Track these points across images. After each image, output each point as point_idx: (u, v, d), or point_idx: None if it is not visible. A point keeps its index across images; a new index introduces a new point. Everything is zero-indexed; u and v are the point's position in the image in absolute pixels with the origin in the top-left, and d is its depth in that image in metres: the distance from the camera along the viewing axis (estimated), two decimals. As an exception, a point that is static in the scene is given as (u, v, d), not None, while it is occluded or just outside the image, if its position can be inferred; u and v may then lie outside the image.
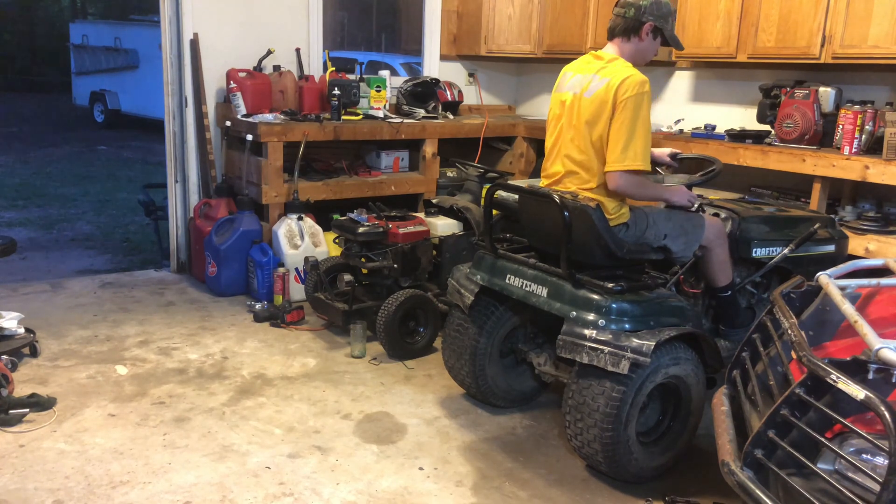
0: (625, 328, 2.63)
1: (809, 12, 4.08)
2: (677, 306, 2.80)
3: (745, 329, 3.19)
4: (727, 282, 3.12)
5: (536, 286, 2.90)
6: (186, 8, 4.86)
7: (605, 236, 2.75)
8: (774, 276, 3.49)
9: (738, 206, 3.41)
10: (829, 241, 3.45)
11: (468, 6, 5.95)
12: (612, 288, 2.67)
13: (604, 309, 2.65)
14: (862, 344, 1.73)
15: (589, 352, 2.61)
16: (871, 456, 1.61)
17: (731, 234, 3.17)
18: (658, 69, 5.43)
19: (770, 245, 3.28)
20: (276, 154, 4.66)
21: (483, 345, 3.21)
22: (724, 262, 3.07)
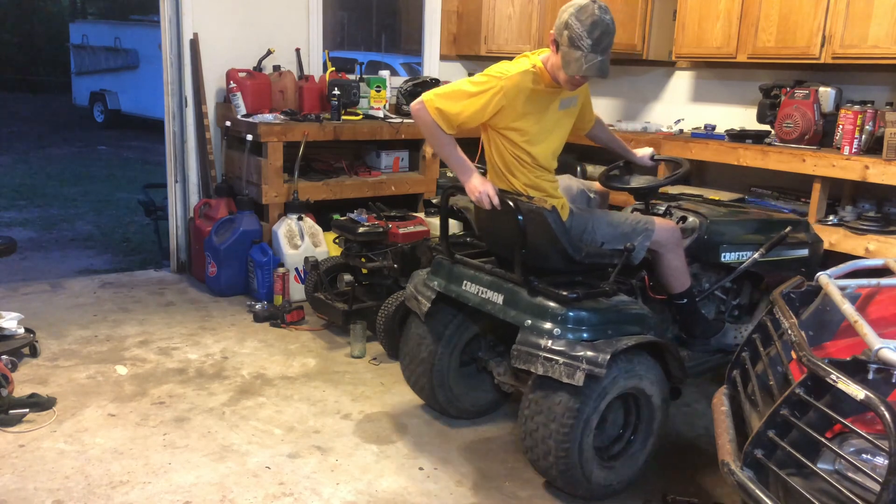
0: (581, 337, 2.50)
1: (809, 12, 4.08)
2: (638, 314, 2.67)
3: (711, 338, 3.13)
4: (683, 289, 2.98)
5: (492, 293, 2.78)
6: (186, 8, 4.86)
7: (562, 240, 2.64)
8: (746, 282, 3.39)
9: (707, 208, 3.29)
10: (803, 244, 3.36)
11: (468, 6, 5.95)
12: (568, 295, 2.55)
13: (559, 317, 2.54)
14: (862, 344, 1.73)
15: (544, 362, 2.48)
16: (871, 456, 1.61)
17: (698, 238, 3.07)
18: (658, 69, 5.43)
19: (739, 249, 3.16)
20: (276, 154, 4.66)
21: (441, 354, 3.08)
22: (678, 268, 2.93)
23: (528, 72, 2.68)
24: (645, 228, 2.84)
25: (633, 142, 4.99)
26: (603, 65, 2.60)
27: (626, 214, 2.92)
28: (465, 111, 2.65)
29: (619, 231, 2.85)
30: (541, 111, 2.74)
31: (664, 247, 2.87)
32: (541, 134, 2.75)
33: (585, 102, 3.05)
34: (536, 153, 2.76)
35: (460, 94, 2.67)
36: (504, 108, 2.67)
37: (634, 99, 5.69)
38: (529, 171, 2.78)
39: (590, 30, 2.56)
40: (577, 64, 2.57)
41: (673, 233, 2.90)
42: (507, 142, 2.75)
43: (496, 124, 2.73)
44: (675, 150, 4.73)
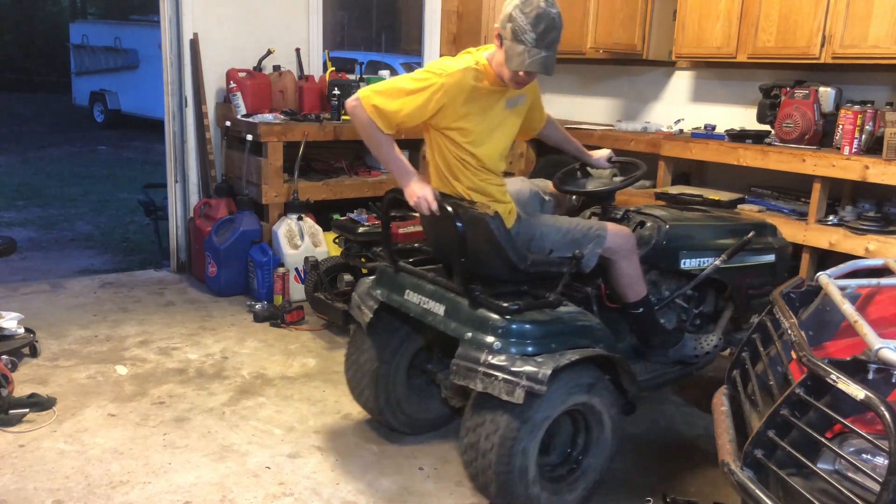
0: (524, 352, 2.35)
1: (809, 12, 4.08)
2: (585, 326, 2.53)
3: (669, 349, 3.01)
4: (638, 298, 2.83)
5: (434, 303, 2.63)
6: (186, 8, 4.86)
7: (505, 248, 2.48)
8: (710, 290, 3.27)
9: (667, 212, 3.16)
10: (769, 250, 3.25)
11: (468, 6, 5.95)
12: (508, 307, 2.40)
13: (500, 330, 2.38)
14: (862, 344, 1.73)
15: (483, 378, 2.33)
16: (871, 456, 1.61)
17: (656, 244, 2.93)
18: (658, 69, 5.43)
19: (700, 256, 3.03)
20: (276, 154, 4.66)
21: (385, 367, 2.93)
22: (632, 275, 2.79)
23: (469, 69, 2.53)
24: (597, 235, 2.70)
25: (633, 142, 5.00)
26: (547, 61, 2.44)
27: (578, 220, 2.79)
28: (404, 109, 2.49)
29: (568, 237, 2.71)
30: (484, 110, 2.59)
31: (617, 254, 2.74)
32: (485, 134, 2.61)
33: (535, 101, 2.91)
34: (481, 155, 2.61)
35: (399, 91, 2.50)
36: (445, 107, 2.51)
37: (634, 99, 5.69)
38: (474, 174, 2.63)
39: (534, 23, 2.40)
40: (519, 59, 2.43)
41: (627, 239, 2.76)
42: (450, 142, 2.60)
43: (437, 124, 2.59)
44: (676, 149, 4.73)
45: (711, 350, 3.04)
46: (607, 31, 5.22)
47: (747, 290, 3.21)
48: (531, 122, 2.95)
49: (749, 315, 3.28)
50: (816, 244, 4.03)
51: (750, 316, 3.27)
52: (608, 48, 5.23)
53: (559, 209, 3.17)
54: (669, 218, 3.02)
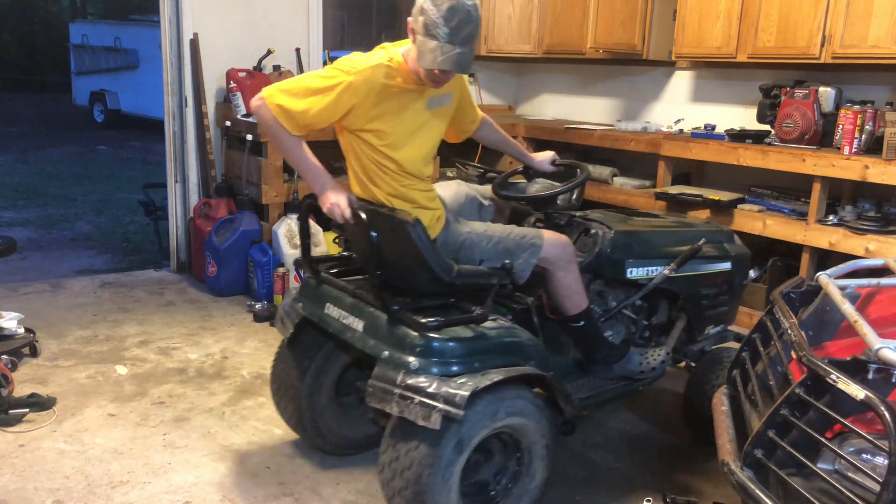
0: (444, 372, 2.17)
1: (809, 12, 4.08)
2: (514, 342, 2.34)
3: (613, 364, 2.84)
4: (578, 310, 2.66)
5: (353, 318, 2.44)
6: (186, 8, 4.86)
7: (427, 258, 2.27)
8: (662, 301, 3.11)
9: (616, 218, 3.00)
10: (724, 258, 3.10)
11: (468, 6, 5.94)
12: (427, 323, 2.21)
13: (417, 348, 2.20)
14: (862, 344, 1.73)
15: (399, 401, 2.15)
16: (871, 456, 1.61)
17: (601, 252, 2.77)
18: (658, 69, 5.43)
19: (648, 264, 2.87)
20: (276, 154, 4.65)
21: (309, 384, 2.75)
22: (571, 287, 2.62)
23: (380, 66, 2.35)
24: (531, 244, 2.53)
25: (633, 142, 5.00)
26: (462, 58, 2.25)
27: (512, 228, 2.60)
28: (312, 109, 2.31)
29: (500, 247, 2.52)
30: (400, 110, 2.40)
31: (554, 264, 2.57)
32: (404, 137, 2.42)
33: (464, 101, 2.72)
34: (400, 158, 2.43)
35: (306, 89, 2.32)
36: (355, 108, 2.33)
37: (634, 99, 5.69)
38: (393, 180, 2.45)
39: (447, 16, 2.21)
40: (431, 55, 2.24)
41: (564, 248, 2.59)
42: (366, 146, 2.42)
43: (350, 126, 2.41)
44: (676, 149, 4.73)
45: (658, 365, 2.86)
46: (607, 31, 5.22)
47: (701, 301, 3.06)
48: (461, 123, 2.80)
49: (704, 326, 3.13)
50: (816, 244, 4.04)
51: (705, 327, 3.14)
52: (608, 48, 5.23)
53: (500, 216, 2.99)
54: (615, 225, 2.86)
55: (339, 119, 2.38)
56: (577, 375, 2.84)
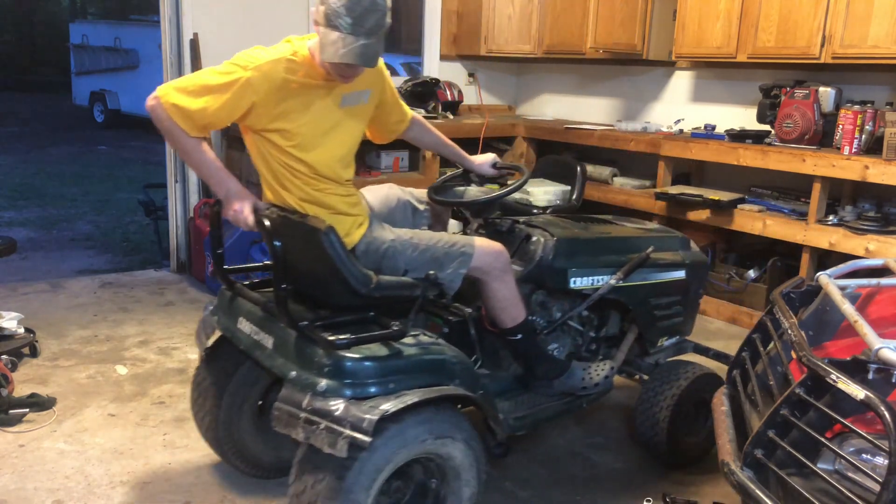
0: (356, 394, 2.00)
1: (809, 12, 4.08)
2: (435, 360, 2.16)
3: (554, 379, 2.66)
4: (515, 323, 2.49)
5: (264, 334, 2.26)
6: (186, 8, 4.86)
7: (340, 268, 2.09)
8: (612, 312, 2.93)
9: (561, 224, 2.80)
10: (678, 266, 2.94)
11: (468, 6, 5.95)
12: (336, 341, 2.03)
13: (326, 368, 2.03)
14: (862, 344, 1.73)
15: (305, 426, 1.97)
16: (871, 456, 1.61)
17: (542, 261, 2.60)
18: (658, 69, 5.43)
19: (593, 273, 2.70)
20: (276, 154, 4.65)
21: (228, 403, 2.57)
22: (507, 298, 2.45)
23: (281, 60, 2.19)
24: (461, 252, 2.36)
25: (633, 142, 5.00)
26: (367, 50, 2.10)
27: (441, 235, 2.45)
28: (209, 108, 2.13)
29: (427, 255, 2.36)
30: (306, 108, 2.24)
31: (487, 273, 2.41)
32: (314, 137, 2.27)
33: (385, 99, 2.54)
34: (312, 161, 2.27)
35: (203, 87, 2.15)
36: (256, 105, 2.18)
37: (634, 99, 5.69)
38: (305, 184, 2.30)
39: (349, 5, 2.07)
40: (333, 48, 2.09)
41: (497, 257, 2.42)
42: (273, 147, 2.27)
43: (253, 125, 2.25)
44: (676, 149, 4.73)
45: (602, 381, 2.69)
46: (607, 31, 5.22)
47: (653, 311, 2.89)
48: (385, 123, 2.65)
49: (657, 338, 2.97)
50: (816, 244, 4.04)
51: (658, 339, 2.98)
52: (608, 48, 5.23)
53: (438, 223, 2.82)
54: (559, 231, 2.69)
55: (239, 118, 2.22)
56: (516, 392, 2.67)
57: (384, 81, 2.50)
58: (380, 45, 2.15)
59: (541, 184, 4.61)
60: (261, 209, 2.19)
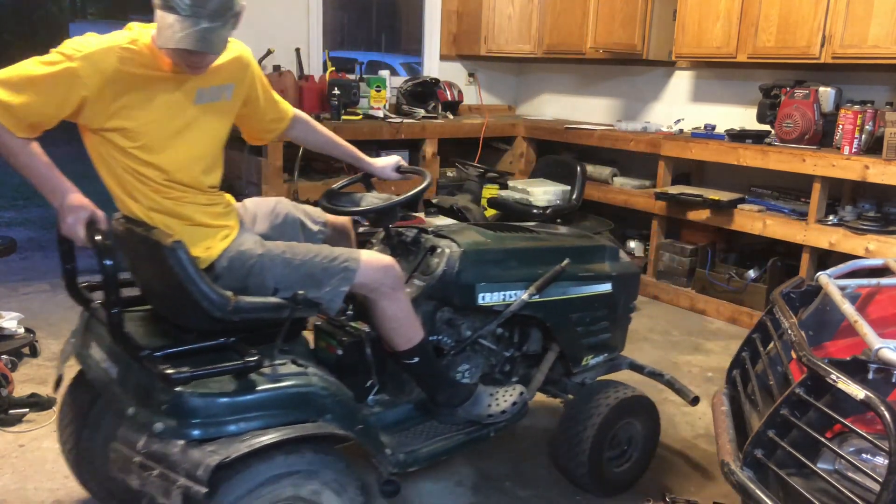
0: (194, 435, 1.76)
1: (809, 12, 4.08)
2: (299, 393, 1.91)
3: (458, 406, 2.40)
4: (409, 345, 2.24)
5: (110, 363, 2.02)
6: (186, 8, 4.85)
7: (191, 288, 1.85)
8: (533, 329, 2.68)
9: (473, 233, 2.56)
10: (603, 278, 2.70)
11: (468, 6, 5.95)
12: (174, 374, 1.76)
13: (164, 405, 1.79)
14: (862, 344, 1.73)
15: (139, 472, 1.75)
16: (871, 456, 1.61)
17: (445, 275, 2.36)
18: (658, 69, 5.44)
19: (504, 288, 2.46)
20: (276, 154, 4.66)
21: (88, 434, 2.32)
22: (399, 318, 2.21)
23: (113, 48, 1.91)
24: (343, 267, 2.10)
25: (633, 142, 5.00)
26: (208, 35, 1.85)
27: (321, 248, 2.16)
28: (34, 104, 1.83)
29: (302, 272, 2.08)
30: (149, 103, 1.96)
31: (375, 291, 2.16)
32: (164, 138, 1.98)
33: (256, 94, 2.27)
34: (163, 164, 1.99)
35: (24, 79, 1.83)
36: (88, 101, 1.89)
37: (634, 99, 5.69)
38: (155, 191, 2.01)
39: None
40: (169, 32, 1.84)
41: (386, 272, 2.16)
42: (115, 149, 1.97)
43: (89, 124, 1.94)
44: (676, 149, 4.74)
45: (509, 408, 2.43)
46: (607, 31, 5.22)
47: (575, 328, 2.66)
48: (259, 121, 2.38)
49: (581, 357, 2.72)
50: (816, 244, 4.04)
51: (582, 358, 2.73)
52: (608, 48, 5.23)
53: (343, 240, 2.52)
54: (467, 242, 2.45)
55: (71, 115, 1.92)
56: (418, 420, 2.43)
57: (253, 75, 2.23)
58: (226, 30, 1.90)
59: (541, 184, 4.62)
60: (99, 222, 1.86)
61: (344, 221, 2.56)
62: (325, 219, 2.50)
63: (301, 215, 2.43)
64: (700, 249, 4.77)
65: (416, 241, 2.52)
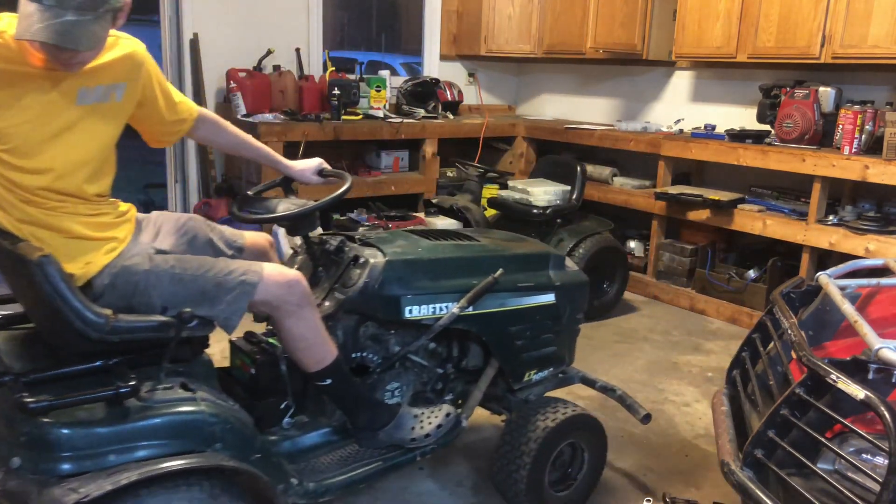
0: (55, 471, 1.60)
1: (809, 12, 4.08)
2: (184, 422, 1.75)
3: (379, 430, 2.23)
4: (319, 366, 2.07)
5: None
6: (186, 8, 4.86)
7: (62, 307, 1.68)
8: (472, 343, 2.50)
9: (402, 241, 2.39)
10: (545, 288, 2.52)
11: (468, 6, 5.95)
12: (31, 403, 1.59)
13: (23, 437, 1.63)
14: (862, 344, 1.73)
15: None
16: (871, 456, 1.61)
17: (366, 288, 2.17)
18: (658, 69, 5.44)
19: (433, 301, 2.27)
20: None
21: None
22: (306, 338, 2.03)
23: None
24: (240, 282, 1.92)
25: (633, 142, 5.00)
26: (73, 28, 1.64)
27: (217, 262, 1.97)
28: None
29: (192, 289, 1.89)
30: (16, 102, 1.76)
31: (278, 309, 1.99)
32: (38, 142, 1.79)
33: (152, 94, 2.05)
34: (39, 170, 1.80)
35: None
36: None
37: (634, 99, 5.69)
38: (26, 201, 1.81)
39: None
40: (27, 22, 1.63)
41: (290, 288, 1.98)
42: None
43: None
44: (676, 149, 4.74)
45: (434, 432, 2.24)
46: (607, 31, 5.22)
47: (514, 342, 2.47)
48: (158, 124, 2.17)
49: (523, 372, 2.53)
50: (816, 244, 4.04)
51: (524, 373, 2.54)
52: (608, 48, 5.24)
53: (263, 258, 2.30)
54: (393, 251, 2.28)
55: None
56: (338, 444, 2.25)
57: (149, 75, 2.03)
58: (99, 26, 1.70)
59: (541, 184, 4.62)
60: None
61: (263, 243, 2.38)
62: (241, 242, 2.30)
63: (215, 236, 2.24)
64: (700, 249, 4.77)
65: (339, 251, 2.34)
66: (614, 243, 4.62)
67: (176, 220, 2.20)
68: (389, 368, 2.34)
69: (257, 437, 1.94)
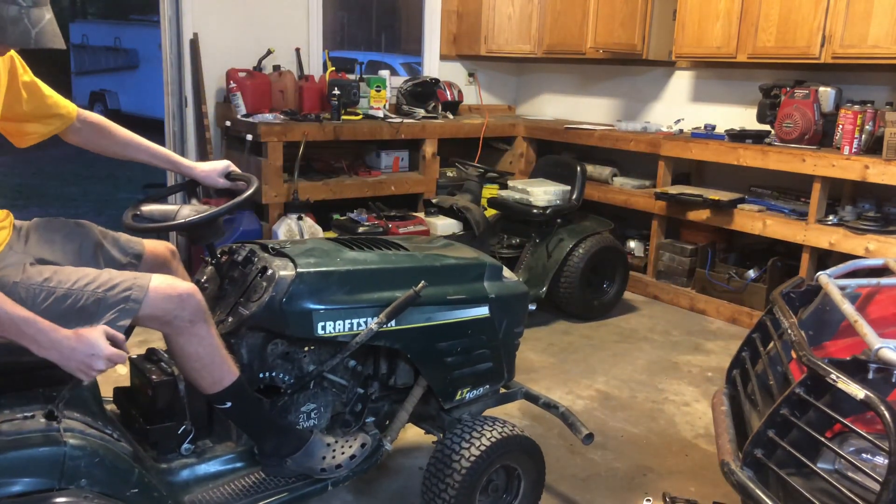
0: None
1: (809, 12, 4.08)
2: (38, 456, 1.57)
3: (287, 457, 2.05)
4: (217, 388, 1.89)
5: None
6: (186, 8, 4.86)
7: None
8: (400, 362, 2.32)
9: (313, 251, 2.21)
10: (478, 301, 2.33)
11: (468, 6, 5.95)
12: None
13: None
14: (862, 344, 1.73)
15: None
16: (871, 455, 1.61)
17: (272, 303, 1.99)
18: (658, 69, 5.44)
19: (350, 315, 2.09)
20: (276, 154, 4.66)
21: None
22: (200, 356, 1.85)
23: None
24: (123, 297, 1.74)
25: (633, 142, 5.00)
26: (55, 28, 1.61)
27: (101, 273, 1.79)
28: None
29: (67, 305, 1.72)
30: None
31: (168, 325, 1.82)
32: None
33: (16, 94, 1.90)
34: None
35: None
36: None
37: (634, 99, 5.69)
38: None
39: None
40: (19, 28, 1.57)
41: (182, 303, 1.80)
42: None
43: None
44: (676, 149, 4.74)
45: (346, 463, 2.09)
46: (607, 31, 5.22)
47: (443, 359, 2.29)
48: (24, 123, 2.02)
49: (454, 391, 2.35)
50: (816, 244, 4.04)
51: (456, 392, 2.36)
52: (608, 48, 5.24)
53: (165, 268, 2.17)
54: (304, 262, 2.08)
55: None
56: (241, 472, 2.08)
57: (14, 72, 1.88)
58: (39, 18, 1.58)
59: (541, 184, 4.62)
60: None
61: (164, 251, 2.21)
62: (139, 248, 2.12)
63: (107, 242, 2.07)
64: (700, 249, 4.77)
65: (247, 262, 2.15)
66: (614, 243, 4.62)
67: (62, 226, 2.05)
68: (304, 389, 2.16)
69: (134, 471, 1.72)
